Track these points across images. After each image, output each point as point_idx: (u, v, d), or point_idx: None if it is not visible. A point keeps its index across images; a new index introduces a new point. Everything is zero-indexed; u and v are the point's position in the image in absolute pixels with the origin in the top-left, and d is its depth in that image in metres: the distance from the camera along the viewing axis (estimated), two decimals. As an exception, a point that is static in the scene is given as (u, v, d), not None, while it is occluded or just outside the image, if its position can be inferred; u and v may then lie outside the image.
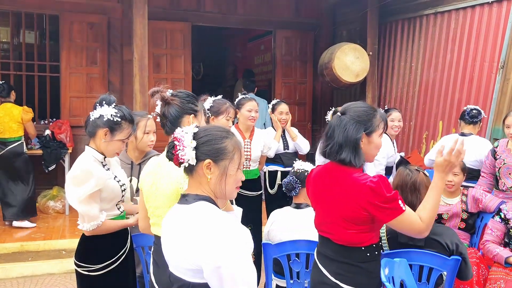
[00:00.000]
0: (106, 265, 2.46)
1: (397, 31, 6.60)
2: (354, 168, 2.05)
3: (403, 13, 6.44)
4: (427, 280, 2.48)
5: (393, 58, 6.67)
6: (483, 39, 5.24)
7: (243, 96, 4.16)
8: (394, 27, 6.65)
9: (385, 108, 4.97)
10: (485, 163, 3.99)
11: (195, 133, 1.60)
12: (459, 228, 3.45)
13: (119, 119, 2.42)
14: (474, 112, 4.33)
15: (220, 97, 3.57)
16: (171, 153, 1.60)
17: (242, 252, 1.45)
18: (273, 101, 4.91)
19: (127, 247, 2.58)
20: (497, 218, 3.22)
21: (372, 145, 2.08)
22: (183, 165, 1.60)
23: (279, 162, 4.70)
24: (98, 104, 2.46)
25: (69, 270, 4.54)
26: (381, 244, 2.31)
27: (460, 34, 5.54)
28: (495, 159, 3.89)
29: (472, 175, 4.04)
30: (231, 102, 3.61)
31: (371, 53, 6.34)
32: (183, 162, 1.59)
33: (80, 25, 6.46)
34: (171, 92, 2.21)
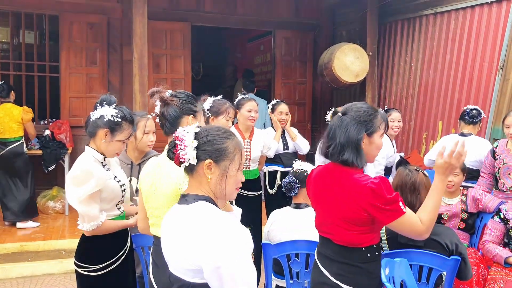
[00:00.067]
0: (106, 265, 2.46)
1: (396, 31, 6.60)
2: (355, 168, 2.04)
3: (403, 13, 6.45)
4: (426, 280, 2.49)
5: (392, 58, 6.67)
6: (482, 39, 5.24)
7: (242, 96, 4.16)
8: (394, 27, 6.65)
9: (385, 108, 4.97)
10: (484, 163, 3.99)
11: (196, 133, 1.60)
12: (458, 228, 3.45)
13: (120, 120, 2.43)
14: (474, 112, 4.33)
15: (220, 97, 3.57)
16: (172, 152, 1.61)
17: (242, 252, 1.45)
18: (272, 101, 4.91)
19: (127, 248, 2.58)
20: (496, 218, 3.22)
21: (373, 145, 2.08)
22: (184, 165, 1.60)
23: (279, 162, 4.70)
24: (98, 105, 2.46)
25: (69, 270, 4.54)
26: (381, 244, 2.31)
27: (459, 34, 5.54)
28: (495, 159, 3.89)
29: (471, 175, 4.04)
30: (231, 102, 3.61)
31: (370, 53, 6.35)
32: (183, 161, 1.59)
33: (80, 25, 6.46)
34: (171, 92, 2.22)
